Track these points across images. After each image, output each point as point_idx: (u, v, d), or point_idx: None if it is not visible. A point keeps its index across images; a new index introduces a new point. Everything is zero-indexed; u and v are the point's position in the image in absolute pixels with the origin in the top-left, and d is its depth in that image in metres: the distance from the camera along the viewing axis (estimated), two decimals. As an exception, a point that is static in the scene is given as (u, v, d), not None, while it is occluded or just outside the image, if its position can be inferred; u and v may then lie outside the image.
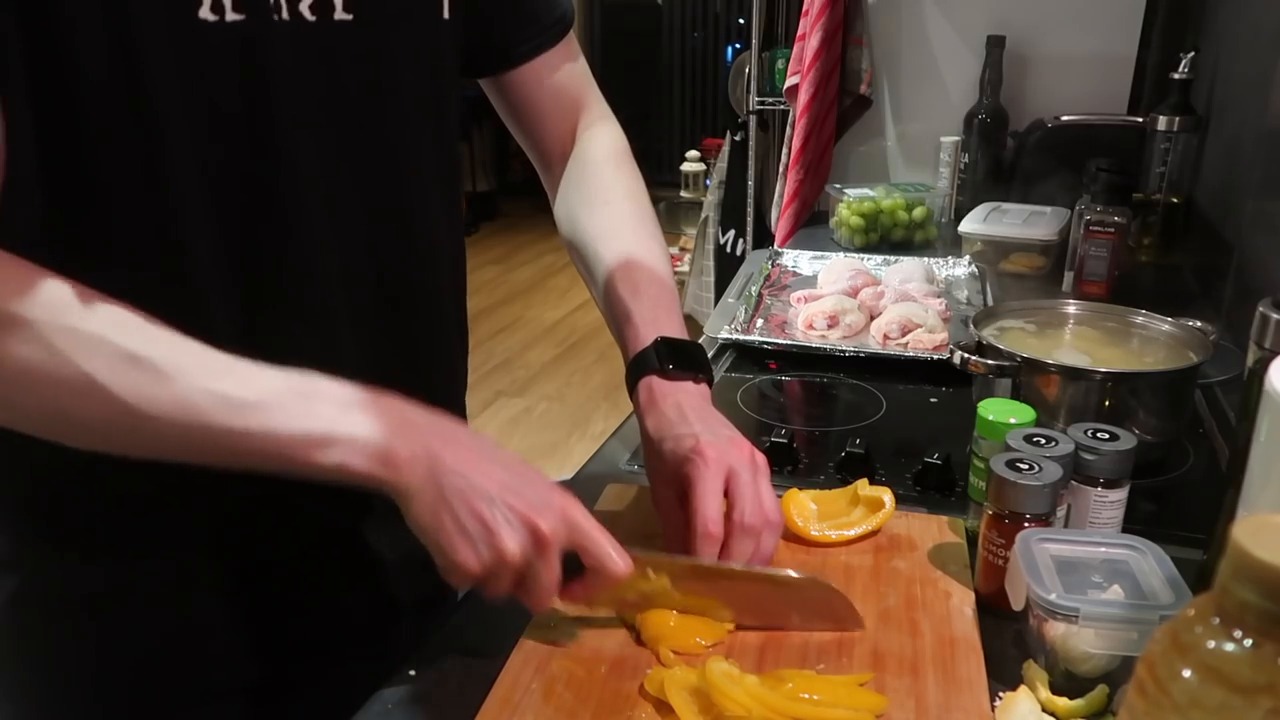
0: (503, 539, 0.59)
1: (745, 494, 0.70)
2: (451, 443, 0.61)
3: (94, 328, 0.55)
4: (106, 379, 0.55)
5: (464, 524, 0.59)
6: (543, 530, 0.60)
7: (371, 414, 0.59)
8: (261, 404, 0.58)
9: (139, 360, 0.56)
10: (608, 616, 0.71)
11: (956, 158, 1.94)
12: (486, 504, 0.59)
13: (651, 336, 0.77)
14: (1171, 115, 1.60)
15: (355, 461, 0.58)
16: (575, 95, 0.89)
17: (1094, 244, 1.43)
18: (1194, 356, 0.96)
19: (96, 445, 0.58)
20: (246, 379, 0.58)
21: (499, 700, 0.63)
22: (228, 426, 0.57)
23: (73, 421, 0.57)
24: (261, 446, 0.58)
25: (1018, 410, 0.82)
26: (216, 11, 0.59)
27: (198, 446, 0.58)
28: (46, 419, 0.58)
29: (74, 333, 0.55)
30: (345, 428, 0.58)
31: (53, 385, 0.55)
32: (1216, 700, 0.36)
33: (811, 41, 1.96)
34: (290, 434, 0.58)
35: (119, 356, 0.55)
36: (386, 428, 0.59)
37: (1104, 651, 0.63)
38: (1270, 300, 0.68)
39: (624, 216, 0.85)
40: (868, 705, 0.62)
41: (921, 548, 0.80)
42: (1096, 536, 0.71)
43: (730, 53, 5.84)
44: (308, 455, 0.58)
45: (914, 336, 1.26)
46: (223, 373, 0.58)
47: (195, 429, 0.57)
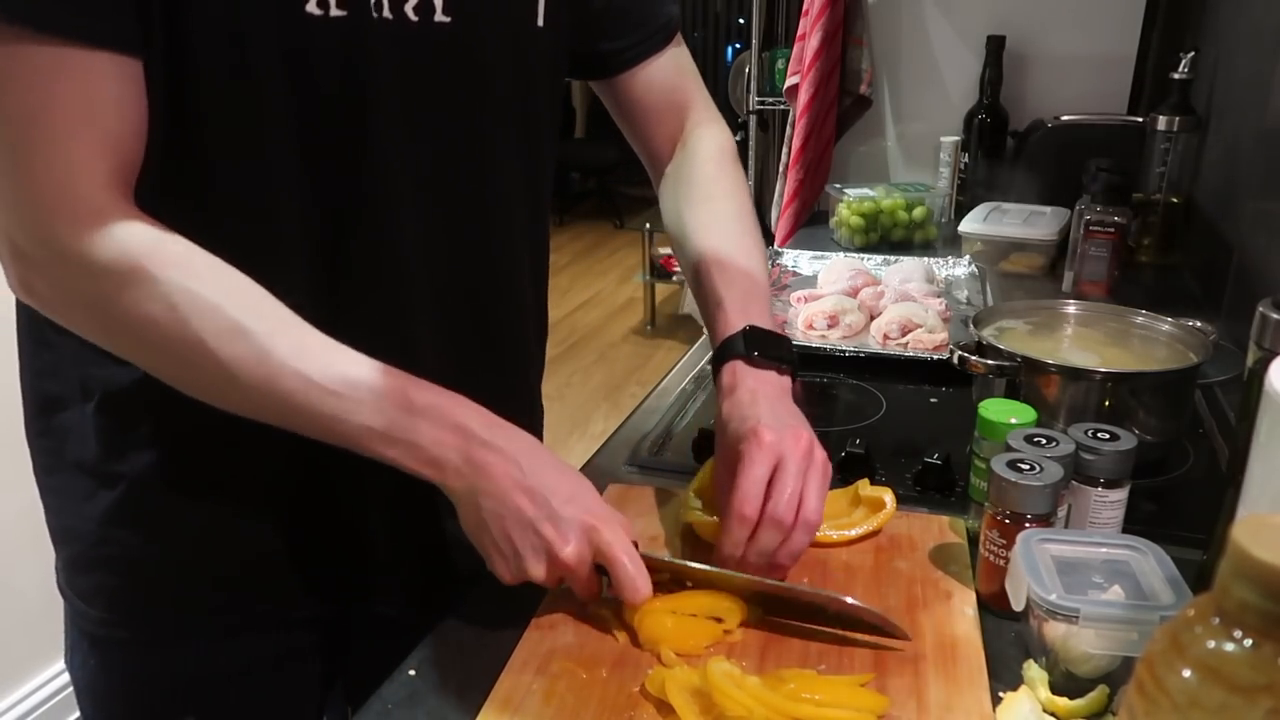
0: (529, 565, 0.65)
1: (786, 485, 0.70)
2: (498, 458, 0.65)
3: (210, 294, 0.61)
4: (214, 344, 0.61)
5: (498, 544, 0.66)
6: (565, 560, 0.65)
7: (430, 420, 0.64)
8: (337, 393, 0.63)
9: (244, 332, 0.61)
10: (608, 617, 0.71)
11: (956, 158, 1.94)
12: (519, 531, 0.65)
13: (741, 324, 0.80)
14: (1171, 115, 1.60)
15: (409, 463, 0.64)
16: (682, 97, 0.92)
17: (1094, 244, 1.43)
18: (1194, 356, 0.96)
19: (193, 392, 0.65)
20: (330, 365, 0.64)
21: (499, 700, 0.63)
22: (306, 406, 0.63)
23: (178, 372, 0.64)
24: (332, 429, 0.64)
25: (1018, 410, 0.82)
26: (322, 7, 0.63)
27: (278, 417, 0.65)
28: (156, 365, 0.65)
29: (193, 296, 0.60)
30: (404, 431, 0.64)
31: (168, 341, 0.61)
32: (1216, 700, 0.36)
33: (811, 41, 1.96)
34: (357, 425, 0.64)
35: (227, 325, 0.61)
36: (441, 437, 0.64)
37: (1104, 652, 0.63)
38: (1270, 300, 0.68)
39: (723, 213, 0.89)
40: (869, 706, 0.62)
41: (922, 548, 0.80)
42: (1097, 537, 0.71)
43: (730, 53, 5.84)
44: (370, 445, 0.64)
45: (914, 336, 1.26)
46: (312, 356, 0.63)
47: (277, 403, 0.63)
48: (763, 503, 0.70)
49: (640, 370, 3.99)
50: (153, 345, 0.63)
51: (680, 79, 0.91)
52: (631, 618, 0.69)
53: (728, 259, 0.84)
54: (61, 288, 0.62)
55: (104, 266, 0.59)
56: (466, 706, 0.64)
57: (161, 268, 0.60)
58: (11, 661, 1.92)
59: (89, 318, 0.63)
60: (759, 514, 0.70)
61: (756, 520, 0.70)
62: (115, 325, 0.63)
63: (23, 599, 1.92)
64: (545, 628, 0.70)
